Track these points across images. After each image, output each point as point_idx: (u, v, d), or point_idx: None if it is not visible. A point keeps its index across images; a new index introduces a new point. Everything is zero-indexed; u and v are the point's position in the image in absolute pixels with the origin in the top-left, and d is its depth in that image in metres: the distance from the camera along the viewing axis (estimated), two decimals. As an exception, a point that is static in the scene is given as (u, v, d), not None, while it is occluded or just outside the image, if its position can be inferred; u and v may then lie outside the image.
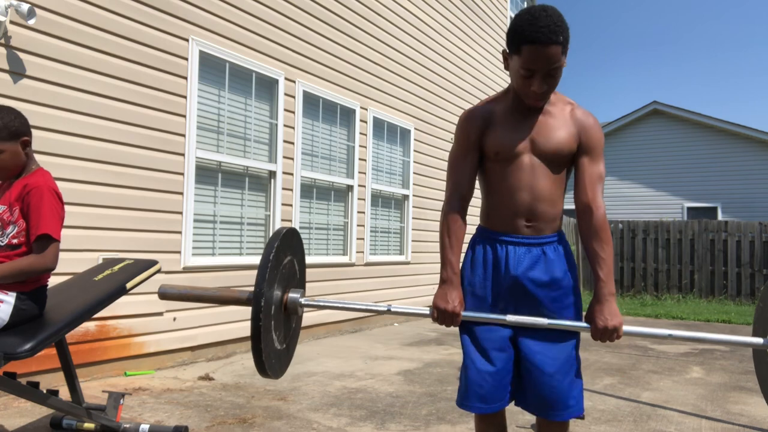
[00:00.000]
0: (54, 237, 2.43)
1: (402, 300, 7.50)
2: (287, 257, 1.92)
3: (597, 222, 1.84)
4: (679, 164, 17.08)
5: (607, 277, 1.81)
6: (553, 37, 1.70)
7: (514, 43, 1.77)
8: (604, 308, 1.80)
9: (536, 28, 1.70)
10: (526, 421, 3.36)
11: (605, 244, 1.83)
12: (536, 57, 1.72)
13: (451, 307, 1.83)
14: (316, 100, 6.14)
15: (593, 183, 1.87)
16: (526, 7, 1.82)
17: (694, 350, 6.16)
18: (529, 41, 1.71)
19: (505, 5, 10.66)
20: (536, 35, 1.70)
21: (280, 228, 1.91)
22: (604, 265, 1.81)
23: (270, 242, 1.83)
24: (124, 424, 2.83)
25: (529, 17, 1.73)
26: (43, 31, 3.75)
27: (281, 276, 1.88)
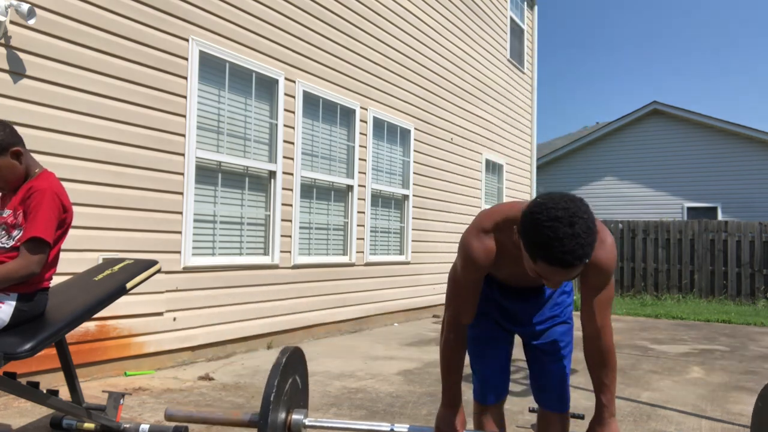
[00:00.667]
0: (44, 240, 2.40)
1: (402, 300, 7.51)
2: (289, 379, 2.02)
3: (605, 347, 1.82)
4: (679, 164, 17.07)
5: (609, 402, 1.83)
6: (577, 263, 1.48)
7: (529, 252, 1.53)
8: (604, 429, 1.84)
9: (559, 253, 1.47)
10: (526, 421, 3.36)
11: (610, 371, 1.83)
12: (553, 275, 1.53)
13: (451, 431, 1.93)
14: (316, 100, 6.14)
15: (602, 310, 1.80)
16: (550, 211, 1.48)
17: (694, 350, 6.15)
18: (548, 263, 1.50)
19: (505, 5, 10.66)
20: (558, 261, 1.48)
21: (284, 349, 2.00)
22: (608, 391, 1.84)
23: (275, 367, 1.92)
24: (124, 424, 2.83)
25: (551, 234, 1.46)
26: (43, 31, 3.75)
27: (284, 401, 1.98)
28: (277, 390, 1.89)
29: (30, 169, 2.58)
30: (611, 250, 1.73)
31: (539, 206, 1.51)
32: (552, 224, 1.46)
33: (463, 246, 1.80)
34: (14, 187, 2.54)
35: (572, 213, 1.47)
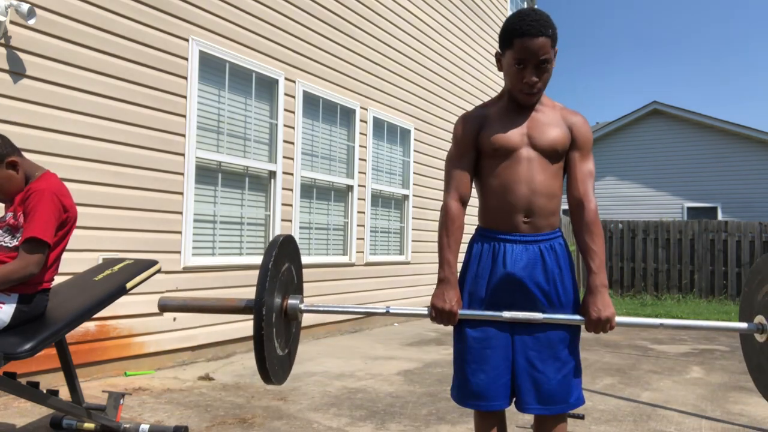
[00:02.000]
0: (42, 240, 2.40)
1: (402, 300, 7.50)
2: (285, 264, 1.94)
3: (589, 216, 1.90)
4: (679, 164, 17.08)
5: (599, 269, 1.86)
6: (543, 30, 1.81)
7: (506, 39, 1.87)
8: (597, 299, 1.84)
9: (526, 23, 1.82)
10: (526, 421, 3.36)
11: (597, 237, 1.89)
12: (527, 47, 1.81)
13: (448, 306, 1.87)
14: (316, 100, 6.14)
15: (585, 179, 1.93)
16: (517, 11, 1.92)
17: (694, 350, 6.16)
18: (520, 34, 1.81)
19: (505, 5, 10.66)
20: (527, 28, 1.81)
21: (277, 236, 1.92)
22: (596, 257, 1.86)
23: (268, 251, 1.84)
24: (124, 424, 2.83)
25: (518, 15, 1.86)
26: (43, 31, 3.75)
27: (280, 283, 1.90)
28: (273, 267, 1.81)
29: (30, 174, 2.58)
30: (587, 121, 2.00)
31: None
32: (518, 12, 1.87)
33: (455, 124, 2.01)
34: (13, 196, 2.54)
35: (534, 8, 1.87)
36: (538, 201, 1.90)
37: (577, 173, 1.94)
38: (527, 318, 1.86)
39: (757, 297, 2.05)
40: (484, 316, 1.88)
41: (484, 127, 1.94)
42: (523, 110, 1.94)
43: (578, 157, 1.95)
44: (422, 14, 7.97)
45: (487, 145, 1.92)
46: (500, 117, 1.95)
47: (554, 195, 1.94)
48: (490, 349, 1.91)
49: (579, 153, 1.95)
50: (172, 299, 1.96)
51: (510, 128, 1.92)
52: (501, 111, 1.96)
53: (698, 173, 16.85)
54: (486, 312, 1.88)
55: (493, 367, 1.90)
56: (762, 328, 1.98)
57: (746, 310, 2.13)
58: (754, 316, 2.05)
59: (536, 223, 1.91)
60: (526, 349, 1.91)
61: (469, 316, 1.89)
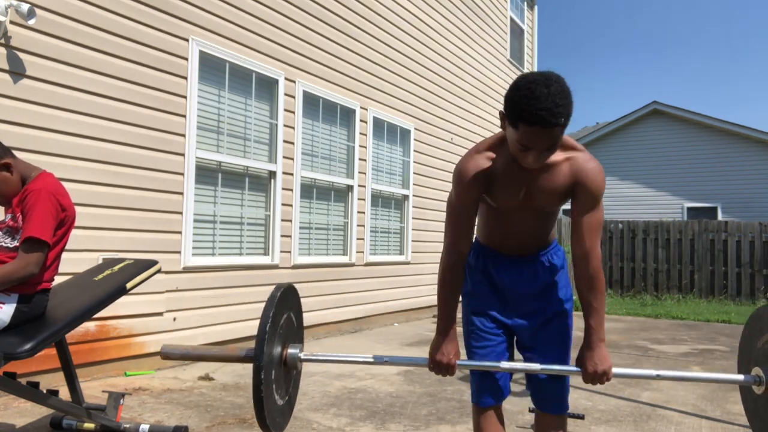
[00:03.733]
0: (40, 240, 2.40)
1: (402, 300, 7.50)
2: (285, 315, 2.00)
3: (592, 271, 1.85)
4: (679, 164, 17.07)
5: (598, 325, 1.86)
6: (554, 120, 1.58)
7: (510, 117, 1.65)
8: (594, 354, 1.87)
9: (536, 110, 1.57)
10: (526, 421, 3.36)
11: (599, 293, 1.86)
12: (534, 138, 1.62)
13: (446, 360, 1.92)
14: (316, 100, 6.14)
15: (591, 232, 1.84)
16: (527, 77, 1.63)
17: (694, 350, 6.15)
18: (528, 122, 1.59)
19: (505, 5, 10.66)
20: (535, 118, 1.57)
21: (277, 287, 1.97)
22: (596, 314, 1.86)
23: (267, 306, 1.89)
24: (124, 424, 2.83)
25: (529, 94, 1.58)
26: (43, 31, 3.75)
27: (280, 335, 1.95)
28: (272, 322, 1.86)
29: (26, 175, 2.57)
30: (599, 171, 1.82)
31: (519, 77, 1.66)
32: (529, 86, 1.59)
33: (458, 168, 1.85)
34: (10, 198, 2.54)
35: (547, 77, 1.61)
36: (533, 242, 1.99)
37: (583, 226, 1.84)
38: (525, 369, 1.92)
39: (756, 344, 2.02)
40: (481, 366, 1.94)
41: (488, 187, 1.86)
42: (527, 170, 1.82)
43: (586, 208, 1.84)
44: (422, 14, 7.97)
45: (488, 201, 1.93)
46: (503, 176, 1.83)
47: (549, 231, 2.00)
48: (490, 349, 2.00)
49: (587, 205, 1.83)
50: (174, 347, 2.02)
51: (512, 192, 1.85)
52: (504, 167, 1.83)
53: (698, 173, 16.85)
54: (485, 363, 1.94)
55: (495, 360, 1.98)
56: (759, 380, 1.96)
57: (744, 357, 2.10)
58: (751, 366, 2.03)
59: (530, 251, 2.00)
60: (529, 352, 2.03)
61: (469, 366, 1.94)
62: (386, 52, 7.18)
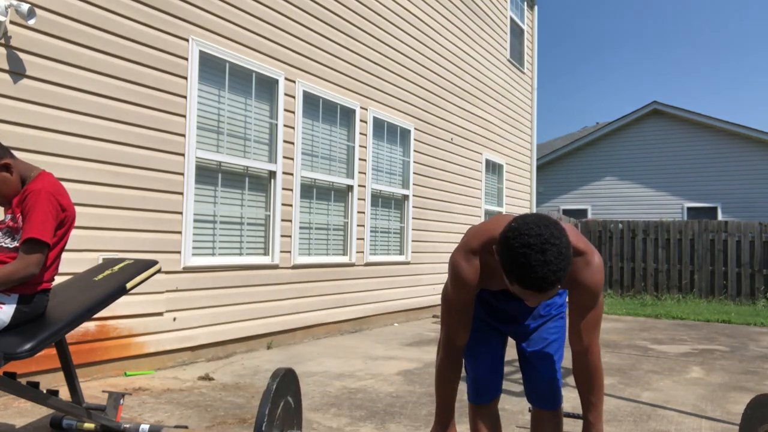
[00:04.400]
0: (40, 241, 2.40)
1: (402, 300, 7.51)
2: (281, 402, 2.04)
3: (592, 367, 1.85)
4: (679, 164, 17.08)
5: (596, 420, 1.87)
6: (549, 287, 1.52)
7: (505, 272, 1.57)
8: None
9: (531, 280, 1.51)
10: (526, 421, 3.36)
11: (597, 389, 1.87)
12: (529, 296, 1.58)
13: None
14: (316, 100, 6.14)
15: (590, 330, 1.82)
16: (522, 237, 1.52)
17: (694, 350, 6.15)
18: (522, 286, 1.54)
19: (505, 5, 10.66)
20: (531, 285, 1.52)
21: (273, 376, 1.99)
22: (594, 410, 1.87)
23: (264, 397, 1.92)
24: (124, 424, 2.83)
25: (524, 262, 1.51)
26: (43, 31, 3.75)
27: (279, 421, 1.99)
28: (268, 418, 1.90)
29: (26, 175, 2.57)
30: (598, 271, 1.75)
31: (512, 231, 1.54)
32: (524, 251, 1.50)
33: (452, 266, 1.82)
34: (11, 199, 2.54)
35: (544, 240, 1.50)
36: None
37: (581, 324, 1.81)
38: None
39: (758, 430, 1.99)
40: None
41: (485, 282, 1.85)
42: None
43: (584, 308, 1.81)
44: (422, 14, 7.97)
45: None
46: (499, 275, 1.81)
47: None
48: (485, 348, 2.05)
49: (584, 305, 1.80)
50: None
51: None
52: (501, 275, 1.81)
53: (698, 173, 16.85)
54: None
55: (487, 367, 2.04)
56: None
57: None
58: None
59: None
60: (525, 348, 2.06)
61: None
62: (386, 52, 7.18)
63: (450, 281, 1.85)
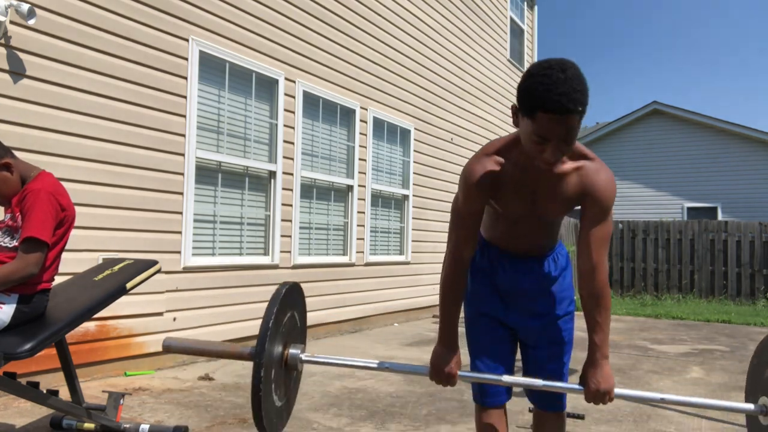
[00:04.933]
0: (39, 240, 2.40)
1: (402, 300, 7.50)
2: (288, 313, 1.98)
3: (598, 285, 1.79)
4: (679, 164, 17.07)
5: (602, 342, 1.81)
6: (572, 107, 1.52)
7: (526, 106, 1.58)
8: (597, 372, 1.81)
9: (553, 96, 1.51)
10: (526, 421, 3.36)
11: (604, 309, 1.81)
12: (552, 126, 1.55)
13: (447, 369, 1.89)
14: (316, 100, 6.14)
15: (599, 246, 1.78)
16: (542, 64, 1.58)
17: (694, 350, 6.15)
18: (545, 109, 1.53)
19: (505, 5, 10.66)
20: (553, 104, 1.52)
21: (282, 285, 1.95)
22: (600, 331, 1.81)
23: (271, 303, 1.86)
24: (124, 424, 2.83)
25: (545, 80, 1.53)
26: (43, 31, 3.75)
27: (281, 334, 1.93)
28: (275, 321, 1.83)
29: (26, 175, 2.57)
30: (611, 182, 1.76)
31: (532, 65, 1.61)
32: (545, 72, 1.55)
33: (465, 171, 1.78)
34: (11, 198, 2.54)
35: (563, 62, 1.56)
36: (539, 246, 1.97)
37: (591, 238, 1.77)
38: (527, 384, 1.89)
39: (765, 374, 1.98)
40: (483, 379, 1.91)
41: (495, 192, 1.80)
42: (538, 173, 1.76)
43: (594, 221, 1.77)
44: (422, 14, 7.97)
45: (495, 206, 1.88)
46: (513, 182, 1.78)
47: (555, 235, 1.99)
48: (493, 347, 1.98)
49: (595, 218, 1.77)
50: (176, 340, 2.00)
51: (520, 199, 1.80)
52: (514, 172, 1.77)
53: (698, 173, 16.85)
54: (486, 375, 1.91)
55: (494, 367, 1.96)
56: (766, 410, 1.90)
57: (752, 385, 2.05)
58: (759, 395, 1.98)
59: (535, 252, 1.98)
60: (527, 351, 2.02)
61: (470, 378, 1.92)
62: (386, 52, 7.18)
63: (461, 190, 1.81)
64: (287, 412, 2.07)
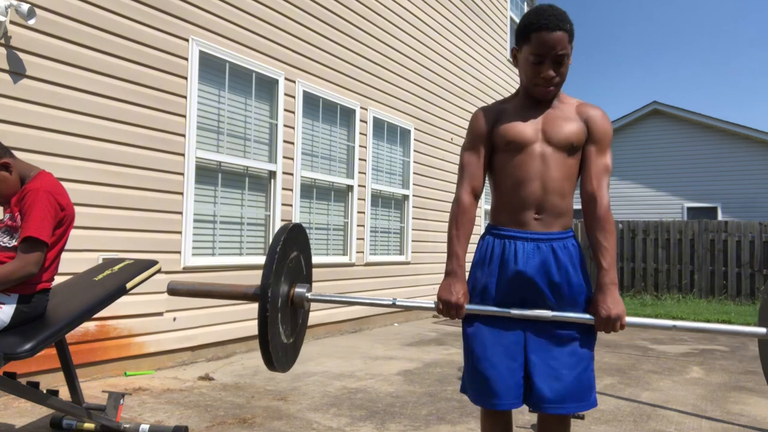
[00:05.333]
0: (38, 240, 2.40)
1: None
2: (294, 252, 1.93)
3: (601, 212, 1.87)
4: (679, 164, 17.08)
5: (610, 266, 1.83)
6: (560, 24, 1.83)
7: (523, 34, 1.88)
8: (606, 297, 1.81)
9: (544, 17, 1.84)
10: (526, 421, 3.36)
11: (608, 233, 1.86)
12: (545, 42, 1.83)
13: (455, 299, 1.85)
14: (316, 100, 6.14)
15: (599, 174, 1.90)
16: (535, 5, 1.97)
17: (694, 350, 6.16)
18: (537, 28, 1.83)
19: (505, 5, 10.66)
20: (544, 22, 1.83)
21: (287, 223, 1.92)
22: (607, 254, 1.83)
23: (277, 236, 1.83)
24: (124, 424, 2.83)
25: (535, 10, 1.88)
26: (43, 31, 3.75)
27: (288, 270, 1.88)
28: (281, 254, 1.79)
29: (24, 174, 2.57)
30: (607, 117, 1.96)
31: None
32: (535, 9, 1.89)
33: (471, 119, 2.02)
34: (10, 198, 2.54)
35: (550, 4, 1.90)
36: (550, 198, 1.88)
37: (591, 167, 1.91)
38: (536, 315, 1.83)
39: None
40: (491, 311, 1.86)
41: (499, 120, 1.94)
42: (539, 105, 1.95)
43: (594, 151, 1.93)
44: (422, 14, 7.97)
45: (500, 139, 1.92)
46: (516, 112, 1.95)
47: (567, 194, 1.91)
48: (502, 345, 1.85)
49: (595, 147, 1.92)
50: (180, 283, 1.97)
51: (525, 123, 1.92)
52: (517, 106, 1.96)
53: (698, 173, 16.85)
54: (493, 308, 1.86)
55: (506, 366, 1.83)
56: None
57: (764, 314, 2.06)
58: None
59: (547, 220, 1.88)
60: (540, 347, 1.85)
61: (476, 311, 1.87)
62: (386, 52, 7.18)
63: (467, 134, 2.01)
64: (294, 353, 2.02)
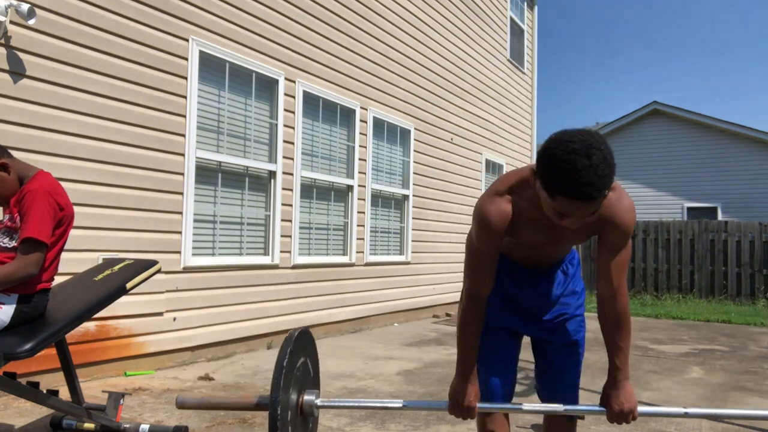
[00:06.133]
0: (38, 240, 2.40)
1: (402, 300, 7.50)
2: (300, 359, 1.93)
3: (620, 310, 1.79)
4: (679, 164, 17.08)
5: (623, 364, 1.81)
6: (596, 195, 1.47)
7: (547, 186, 1.51)
8: (620, 393, 1.82)
9: (578, 185, 1.45)
10: (526, 421, 3.36)
11: (625, 334, 1.81)
12: (574, 209, 1.51)
13: (466, 403, 1.87)
14: (316, 100, 6.14)
15: (619, 271, 1.76)
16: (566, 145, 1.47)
17: (694, 350, 6.15)
18: (567, 196, 1.48)
19: (505, 5, 10.66)
20: (577, 194, 1.46)
21: (293, 330, 1.92)
22: (622, 354, 1.81)
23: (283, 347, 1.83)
24: (124, 424, 2.83)
25: (568, 167, 1.45)
26: (43, 31, 3.75)
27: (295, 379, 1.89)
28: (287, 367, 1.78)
29: (23, 175, 2.57)
30: (630, 209, 1.71)
31: (555, 141, 1.50)
32: (569, 157, 1.45)
33: (478, 211, 1.74)
34: (9, 198, 2.54)
35: (589, 145, 1.46)
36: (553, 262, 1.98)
37: (611, 265, 1.75)
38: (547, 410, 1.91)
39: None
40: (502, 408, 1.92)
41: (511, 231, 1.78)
42: None
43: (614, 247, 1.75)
44: (422, 14, 7.97)
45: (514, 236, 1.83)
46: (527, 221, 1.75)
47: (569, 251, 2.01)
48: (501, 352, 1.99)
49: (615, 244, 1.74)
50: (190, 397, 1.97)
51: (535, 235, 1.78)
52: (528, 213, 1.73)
53: (698, 173, 16.85)
54: (504, 405, 1.91)
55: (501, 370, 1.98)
56: None
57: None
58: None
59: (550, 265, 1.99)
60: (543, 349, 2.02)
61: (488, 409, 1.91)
62: (386, 52, 7.18)
63: (475, 230, 1.76)
64: None
